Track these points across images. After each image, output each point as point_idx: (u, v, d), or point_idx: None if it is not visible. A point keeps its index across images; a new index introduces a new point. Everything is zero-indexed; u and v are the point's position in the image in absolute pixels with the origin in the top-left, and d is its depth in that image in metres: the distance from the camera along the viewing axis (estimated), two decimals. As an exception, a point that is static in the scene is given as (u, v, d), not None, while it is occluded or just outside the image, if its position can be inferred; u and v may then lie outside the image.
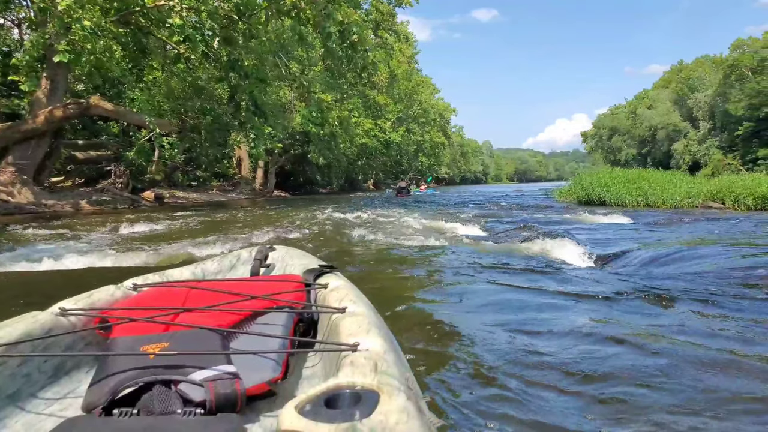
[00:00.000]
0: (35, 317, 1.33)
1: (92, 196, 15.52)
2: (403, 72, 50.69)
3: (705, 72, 63.58)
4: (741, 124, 50.46)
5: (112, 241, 7.57)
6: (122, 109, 14.38)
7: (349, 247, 7.06)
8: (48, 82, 13.80)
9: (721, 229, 8.60)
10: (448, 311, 3.46)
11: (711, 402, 2.01)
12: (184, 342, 1.20)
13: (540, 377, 2.26)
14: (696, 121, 62.64)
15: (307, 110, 15.26)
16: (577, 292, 3.91)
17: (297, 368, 1.38)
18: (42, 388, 1.27)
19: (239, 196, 26.80)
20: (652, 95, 74.84)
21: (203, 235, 8.17)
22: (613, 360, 2.48)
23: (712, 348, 2.63)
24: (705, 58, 67.32)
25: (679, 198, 14.79)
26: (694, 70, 66.72)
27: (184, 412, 1.03)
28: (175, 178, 24.06)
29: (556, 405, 1.99)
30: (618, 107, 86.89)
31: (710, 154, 57.04)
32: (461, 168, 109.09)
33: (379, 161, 47.93)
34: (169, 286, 1.67)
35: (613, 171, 18.69)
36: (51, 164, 15.38)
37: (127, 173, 17.65)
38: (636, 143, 75.03)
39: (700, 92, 62.12)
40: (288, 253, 2.22)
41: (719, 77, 56.35)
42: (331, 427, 0.75)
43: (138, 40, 14.48)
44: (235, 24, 14.25)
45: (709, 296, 3.69)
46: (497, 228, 9.37)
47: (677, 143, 64.51)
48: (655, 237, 7.64)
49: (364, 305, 1.41)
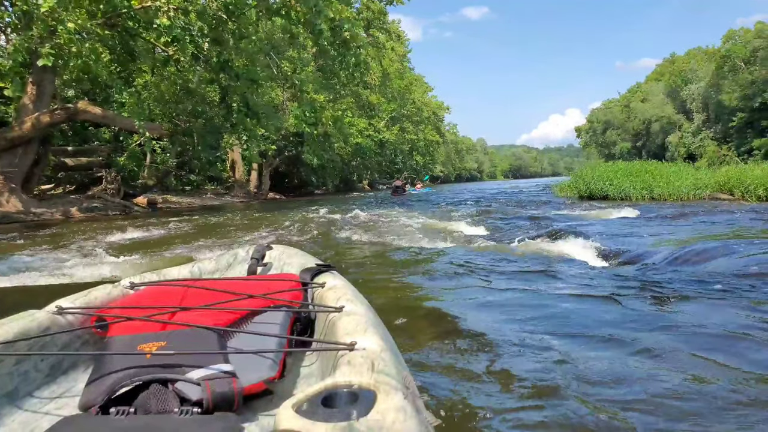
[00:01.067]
0: (32, 316, 1.33)
1: (83, 203, 15.19)
2: (395, 71, 50.50)
3: (698, 64, 63.58)
4: (735, 115, 50.59)
5: (78, 252, 7.00)
6: (111, 114, 14.05)
7: (348, 249, 6.82)
8: (34, 87, 13.47)
9: (740, 221, 8.29)
10: (450, 311, 3.33)
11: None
12: (181, 341, 1.20)
13: (548, 380, 2.17)
14: (690, 113, 62.68)
15: (299, 110, 14.93)
16: (592, 294, 3.66)
17: (294, 367, 1.38)
18: (39, 386, 1.27)
19: (234, 199, 26.59)
20: (646, 88, 74.94)
21: (193, 241, 7.88)
22: (641, 375, 2.23)
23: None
24: (697, 50, 67.40)
25: (685, 190, 14.53)
26: (686, 63, 66.74)
27: (181, 411, 1.02)
28: (168, 182, 23.76)
29: (559, 407, 1.93)
30: (611, 101, 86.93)
31: (705, 145, 57.10)
32: (456, 166, 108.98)
33: (374, 161, 47.62)
34: (166, 284, 1.66)
35: (615, 164, 18.34)
36: (40, 171, 15.02)
37: (118, 179, 17.31)
38: (630, 137, 75.12)
39: (694, 84, 62.12)
40: (285, 252, 2.19)
41: (712, 69, 56.41)
42: (328, 426, 0.74)
43: (126, 43, 14.18)
44: (224, 24, 13.97)
45: (757, 295, 3.40)
46: (500, 226, 9.08)
47: (671, 135, 64.58)
48: (672, 231, 7.27)
49: (361, 304, 1.40)
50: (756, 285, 3.65)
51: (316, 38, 13.08)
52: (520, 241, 6.55)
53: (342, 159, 38.36)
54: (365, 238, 7.65)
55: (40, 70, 13.21)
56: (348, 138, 36.33)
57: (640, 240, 6.37)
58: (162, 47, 14.04)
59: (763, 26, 47.74)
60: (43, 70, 13.34)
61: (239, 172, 30.74)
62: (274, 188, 32.95)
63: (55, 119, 13.50)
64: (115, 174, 17.38)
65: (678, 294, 3.53)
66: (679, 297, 3.45)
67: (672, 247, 5.33)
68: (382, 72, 42.99)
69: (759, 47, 46.72)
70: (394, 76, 49.42)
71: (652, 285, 3.86)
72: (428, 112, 65.21)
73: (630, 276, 4.29)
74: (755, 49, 47.38)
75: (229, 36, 14.24)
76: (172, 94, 16.45)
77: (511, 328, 2.89)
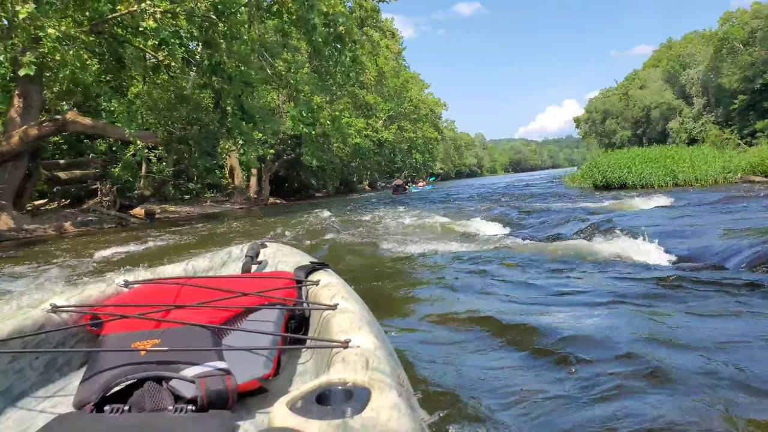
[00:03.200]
0: (27, 314, 1.34)
1: (77, 217, 14.71)
2: (391, 69, 50.06)
3: (695, 48, 63.11)
4: (736, 98, 50.24)
5: (60, 270, 6.51)
6: (101, 124, 13.55)
7: (357, 254, 6.32)
8: (21, 99, 13.00)
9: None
10: (520, 322, 2.82)
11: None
12: (175, 339, 1.19)
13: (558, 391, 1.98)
14: (690, 98, 62.29)
15: (296, 110, 14.44)
16: (690, 307, 2.99)
17: (288, 365, 1.38)
18: (33, 384, 1.28)
19: (233, 206, 26.26)
20: (644, 75, 74.49)
21: (185, 253, 7.39)
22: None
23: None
24: (694, 33, 66.90)
25: (714, 174, 13.87)
26: (684, 47, 66.27)
27: (176, 408, 1.01)
28: (167, 192, 23.31)
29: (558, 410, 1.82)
30: (609, 90, 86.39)
31: (706, 130, 56.64)
32: (455, 162, 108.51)
33: (373, 161, 47.15)
34: (161, 282, 1.65)
35: (631, 151, 17.70)
36: (31, 186, 14.53)
37: (113, 191, 16.83)
38: (630, 125, 74.68)
39: (692, 69, 61.69)
40: (279, 250, 2.18)
41: (710, 52, 56.00)
42: (322, 424, 0.73)
43: (114, 50, 13.72)
44: (215, 26, 13.51)
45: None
46: (529, 222, 8.28)
47: (672, 121, 64.18)
48: (728, 220, 6.26)
49: (355, 302, 1.39)
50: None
51: (310, 35, 12.58)
52: (556, 239, 5.85)
53: (341, 160, 37.96)
54: (388, 246, 6.62)
55: (26, 81, 12.78)
56: (347, 138, 35.88)
57: (698, 232, 5.35)
58: (151, 53, 13.56)
59: (760, 6, 47.23)
60: (29, 82, 12.91)
61: (238, 179, 30.36)
62: (274, 193, 32.63)
63: (44, 132, 13.01)
64: (110, 186, 16.90)
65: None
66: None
67: (751, 239, 4.42)
68: (378, 71, 42.55)
69: (758, 27, 46.28)
70: (389, 74, 48.96)
71: (759, 290, 3.16)
72: (425, 109, 64.65)
73: (721, 281, 3.45)
74: (753, 30, 46.94)
75: (220, 38, 13.78)
76: (166, 102, 15.97)
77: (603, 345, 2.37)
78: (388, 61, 48.61)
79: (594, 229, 6.00)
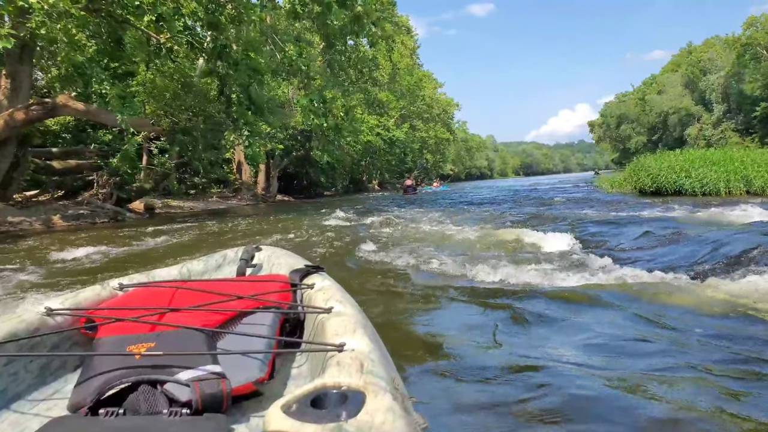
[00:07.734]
0: (21, 317, 1.32)
1: (68, 210, 13.63)
2: (405, 66, 48.93)
3: (716, 53, 61.59)
4: (758, 105, 48.87)
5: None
6: (94, 109, 12.45)
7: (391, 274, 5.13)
8: (8, 81, 11.92)
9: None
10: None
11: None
12: (170, 342, 1.17)
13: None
14: (709, 104, 60.82)
15: (307, 99, 13.27)
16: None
17: (283, 368, 1.36)
18: (28, 387, 1.26)
19: (240, 202, 25.36)
20: (662, 80, 72.95)
21: (168, 260, 6.24)
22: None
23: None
24: (715, 38, 65.38)
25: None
26: (704, 52, 64.72)
27: (171, 412, 1.00)
28: (171, 186, 22.26)
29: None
30: (625, 94, 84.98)
31: (726, 137, 55.31)
32: (466, 164, 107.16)
33: (384, 160, 46.05)
34: (155, 286, 1.61)
35: (686, 152, 16.04)
36: (19, 176, 13.40)
37: (110, 183, 15.74)
38: (645, 130, 73.24)
39: (713, 74, 60.23)
40: (274, 253, 2.16)
41: (732, 58, 54.57)
42: (317, 428, 0.73)
43: (113, 31, 12.61)
44: (222, 7, 12.40)
45: None
46: (604, 238, 6.14)
47: (690, 128, 62.80)
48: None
49: (350, 305, 1.37)
50: None
51: (324, 17, 11.39)
52: (696, 278, 3.87)
53: (351, 158, 36.90)
54: (452, 270, 4.77)
55: (14, 61, 11.73)
56: (358, 135, 34.79)
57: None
58: (152, 34, 12.45)
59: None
60: (18, 62, 11.86)
61: (246, 174, 29.40)
62: (282, 190, 31.68)
63: (32, 116, 11.89)
64: (107, 177, 15.82)
65: None
66: None
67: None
68: (392, 67, 41.44)
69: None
70: (403, 71, 47.83)
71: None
72: (438, 109, 63.45)
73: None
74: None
75: (228, 20, 12.64)
76: (172, 91, 14.84)
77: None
78: (402, 58, 47.50)
79: (737, 261, 4.15)
